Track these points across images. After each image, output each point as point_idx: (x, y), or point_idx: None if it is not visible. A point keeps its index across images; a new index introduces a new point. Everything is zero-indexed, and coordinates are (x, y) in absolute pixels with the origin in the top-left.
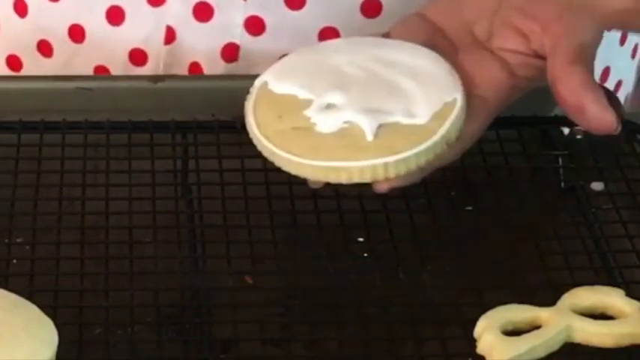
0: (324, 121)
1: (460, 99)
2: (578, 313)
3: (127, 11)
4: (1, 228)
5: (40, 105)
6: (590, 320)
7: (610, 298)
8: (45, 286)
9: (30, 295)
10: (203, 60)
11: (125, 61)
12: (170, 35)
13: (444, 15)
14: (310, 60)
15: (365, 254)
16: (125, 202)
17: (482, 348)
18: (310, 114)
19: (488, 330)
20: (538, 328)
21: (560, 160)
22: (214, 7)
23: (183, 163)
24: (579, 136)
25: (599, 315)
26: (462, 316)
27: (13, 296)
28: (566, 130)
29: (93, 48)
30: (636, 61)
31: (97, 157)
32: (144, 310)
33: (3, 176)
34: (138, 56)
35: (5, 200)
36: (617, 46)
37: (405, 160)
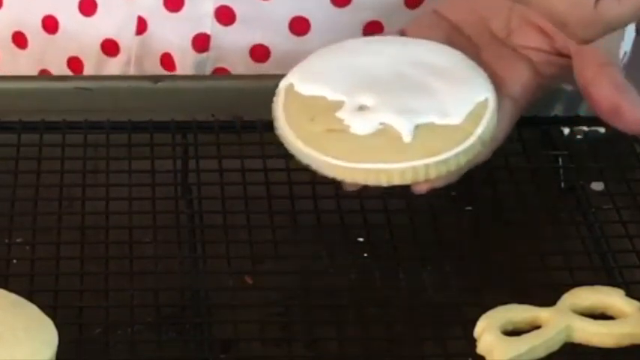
0: (358, 123)
1: (492, 98)
2: (578, 313)
3: (99, 2)
4: (1, 228)
5: (40, 105)
6: (590, 320)
7: (610, 298)
8: (45, 286)
9: (30, 295)
10: (174, 50)
11: (98, 52)
12: (141, 26)
13: (459, 11)
14: (335, 61)
15: (365, 254)
16: (125, 202)
17: (482, 348)
18: (343, 116)
19: (488, 330)
20: (538, 328)
21: (560, 160)
22: None
23: (183, 163)
24: (579, 136)
25: (599, 315)
26: (462, 316)
27: (13, 296)
28: (566, 130)
29: (66, 39)
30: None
31: (97, 157)
32: (144, 310)
33: (3, 176)
34: (110, 47)
35: (5, 200)
36: None
37: (446, 162)
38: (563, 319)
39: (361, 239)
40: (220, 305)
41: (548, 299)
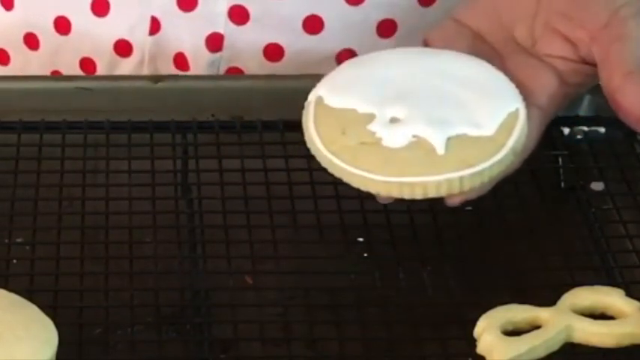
0: (391, 136)
1: (522, 108)
2: (578, 313)
3: (112, 2)
4: (1, 228)
5: (40, 105)
6: (590, 320)
7: (610, 298)
8: (45, 286)
9: (30, 295)
10: (188, 50)
11: (111, 53)
12: (155, 26)
13: (481, 19)
14: (363, 73)
15: (365, 254)
16: (125, 202)
17: (482, 348)
18: (375, 128)
19: (488, 330)
20: (538, 328)
21: (560, 160)
22: None
23: (183, 163)
24: (579, 136)
25: (599, 315)
26: (462, 317)
27: (13, 296)
28: (566, 130)
29: (79, 40)
30: None
31: (97, 157)
32: (144, 310)
33: (3, 176)
34: (123, 47)
35: (5, 200)
36: None
37: (480, 174)
38: (563, 319)
39: (361, 239)
40: (220, 305)
41: (548, 299)
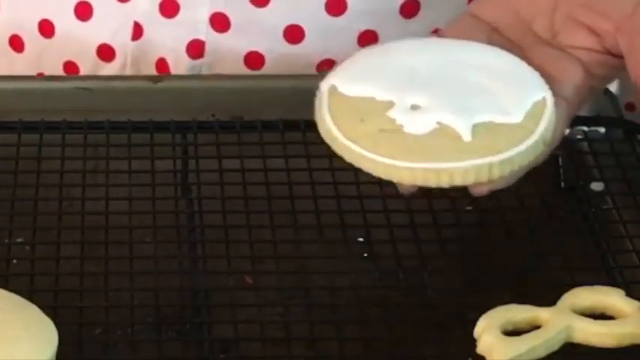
0: (412, 123)
1: (549, 98)
2: (578, 313)
3: (95, 7)
4: (1, 228)
5: (40, 105)
6: (590, 320)
7: (610, 298)
8: (45, 286)
9: (30, 295)
10: (169, 56)
11: (94, 57)
12: (137, 31)
13: (497, 13)
14: (377, 61)
15: (365, 254)
16: (125, 202)
17: (482, 348)
18: (395, 115)
19: (488, 330)
20: (538, 328)
21: (560, 160)
22: (180, 3)
23: (183, 163)
24: (579, 136)
25: (599, 315)
26: (462, 317)
27: (13, 296)
28: (567, 130)
29: (62, 43)
30: None
31: (97, 157)
32: (144, 310)
33: (3, 176)
34: (106, 52)
35: (5, 200)
36: None
37: (510, 161)
38: (563, 319)
39: (361, 239)
40: (220, 305)
41: (548, 299)
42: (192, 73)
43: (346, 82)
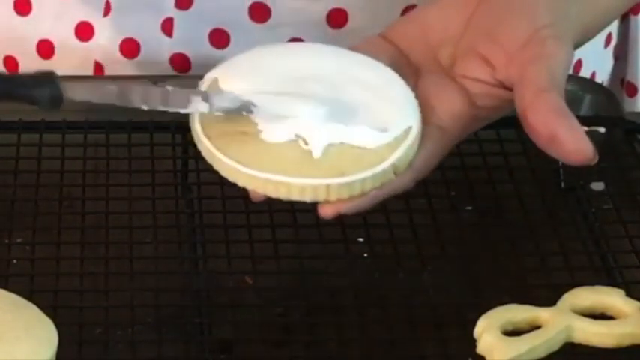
0: (272, 130)
1: (415, 128)
2: (578, 313)
3: (57, 45)
4: (1, 228)
5: None
6: (590, 320)
7: (610, 298)
8: (45, 286)
9: (30, 295)
10: None
11: None
12: (98, 70)
13: (408, 39)
14: (265, 61)
15: (365, 254)
16: (125, 202)
17: (482, 348)
18: (258, 120)
19: (488, 330)
20: (538, 328)
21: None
22: (140, 43)
23: (183, 163)
24: None
25: (599, 315)
26: (461, 317)
27: (13, 296)
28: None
29: None
30: (610, 49)
31: (97, 157)
32: (144, 310)
33: (3, 176)
34: None
35: (5, 200)
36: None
37: (350, 185)
38: (563, 319)
39: (361, 239)
40: (220, 305)
41: (548, 299)
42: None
43: (227, 77)
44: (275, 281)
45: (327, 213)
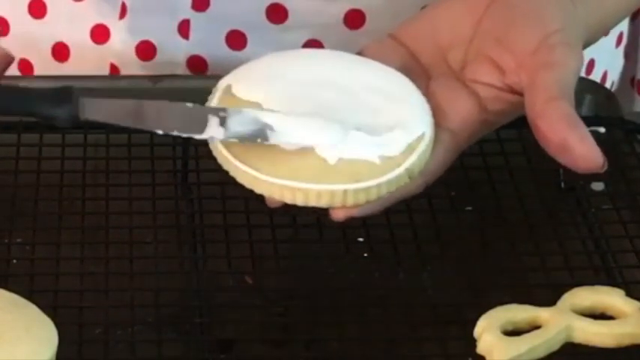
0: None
1: (429, 133)
2: (578, 313)
3: (72, 48)
4: (1, 228)
5: None
6: (591, 320)
7: (610, 298)
8: (45, 286)
9: (30, 295)
10: None
11: None
12: (113, 73)
13: (418, 40)
14: (278, 68)
15: (365, 254)
16: (125, 202)
17: (482, 348)
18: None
19: (488, 330)
20: (538, 328)
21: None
22: (156, 45)
23: (183, 163)
24: None
25: (599, 315)
26: (461, 317)
27: (13, 296)
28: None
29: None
30: (622, 48)
31: (97, 157)
32: (144, 310)
33: (3, 176)
34: None
35: (5, 200)
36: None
37: (366, 190)
38: (563, 319)
39: (361, 239)
40: (220, 305)
41: (548, 299)
42: None
43: (240, 84)
44: (275, 281)
45: (339, 216)
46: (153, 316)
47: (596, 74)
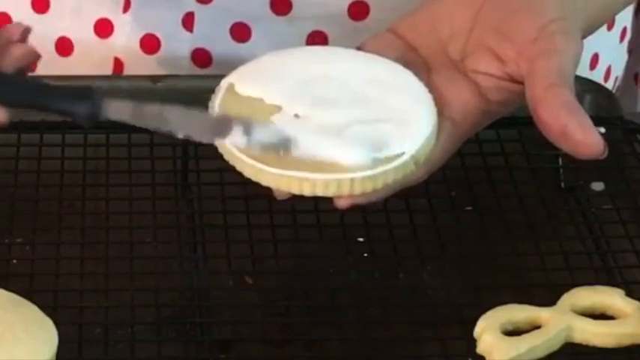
0: (291, 131)
1: (432, 122)
2: (578, 313)
3: (76, 42)
4: (1, 228)
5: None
6: (590, 320)
7: (610, 298)
8: (45, 286)
9: (30, 295)
10: None
11: None
12: (118, 67)
13: (417, 32)
14: (280, 65)
15: (365, 254)
16: (125, 202)
17: (482, 348)
18: (277, 121)
19: (488, 330)
20: (538, 328)
21: (560, 160)
22: (161, 39)
23: (183, 163)
24: None
25: (599, 315)
26: (461, 317)
27: (13, 296)
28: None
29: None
30: (625, 43)
31: (97, 157)
32: (144, 310)
33: (3, 176)
34: None
35: (5, 200)
36: (605, 32)
37: (372, 178)
38: (563, 319)
39: (361, 239)
40: (220, 305)
41: (548, 299)
42: None
43: (242, 81)
44: (275, 281)
45: (343, 204)
46: (153, 316)
47: (600, 69)
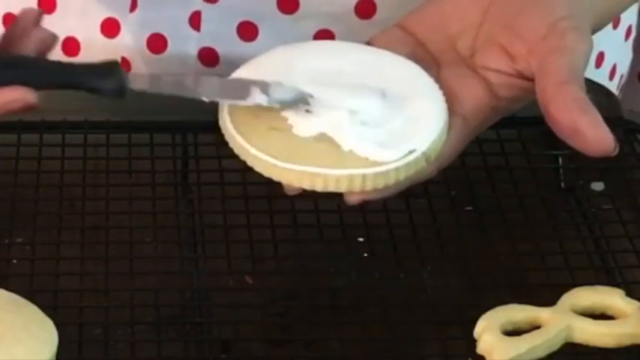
0: (302, 125)
1: (443, 118)
2: (578, 313)
3: (82, 43)
4: (1, 228)
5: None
6: (590, 320)
7: (610, 298)
8: (45, 286)
9: (30, 295)
10: None
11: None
12: (125, 67)
13: (426, 28)
14: (288, 59)
15: (365, 254)
16: (125, 202)
17: (482, 348)
18: (288, 115)
19: (488, 330)
20: (538, 328)
21: (560, 160)
22: (167, 38)
23: (183, 163)
24: None
25: (599, 315)
26: (461, 317)
27: (13, 296)
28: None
29: None
30: (630, 41)
31: (97, 157)
32: (144, 310)
33: (3, 176)
34: None
35: (5, 200)
36: (611, 30)
37: (385, 174)
38: (563, 319)
39: (361, 239)
40: (220, 305)
41: (548, 299)
42: None
43: (252, 74)
44: (275, 281)
45: (355, 200)
46: (153, 316)
47: (606, 67)
